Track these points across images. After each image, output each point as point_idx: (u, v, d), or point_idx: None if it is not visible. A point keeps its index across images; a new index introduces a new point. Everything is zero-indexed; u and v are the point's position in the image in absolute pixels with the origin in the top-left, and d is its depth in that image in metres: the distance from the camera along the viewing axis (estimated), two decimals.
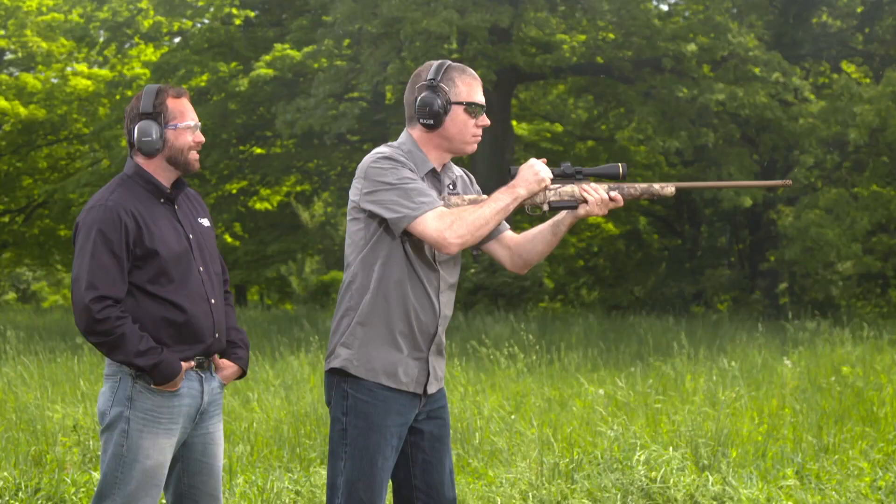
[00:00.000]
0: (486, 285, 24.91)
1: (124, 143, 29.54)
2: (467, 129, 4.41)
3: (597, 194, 4.35)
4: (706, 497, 6.77)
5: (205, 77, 29.30)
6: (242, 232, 34.33)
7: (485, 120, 4.43)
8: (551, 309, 29.53)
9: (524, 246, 4.54)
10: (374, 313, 4.35)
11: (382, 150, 4.38)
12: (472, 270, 25.19)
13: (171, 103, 4.54)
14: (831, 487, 7.14)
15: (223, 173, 31.55)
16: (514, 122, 30.46)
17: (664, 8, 29.44)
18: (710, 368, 12.37)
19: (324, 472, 7.21)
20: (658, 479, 6.87)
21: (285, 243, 29.77)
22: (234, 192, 33.60)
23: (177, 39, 30.60)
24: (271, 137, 30.51)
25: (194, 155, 4.59)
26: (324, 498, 6.75)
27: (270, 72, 26.28)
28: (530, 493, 6.82)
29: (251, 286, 37.18)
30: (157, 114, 4.52)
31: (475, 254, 4.59)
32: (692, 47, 24.32)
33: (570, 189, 4.37)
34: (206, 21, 29.49)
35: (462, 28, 23.99)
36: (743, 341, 15.61)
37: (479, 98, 4.41)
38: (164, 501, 5.68)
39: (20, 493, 6.77)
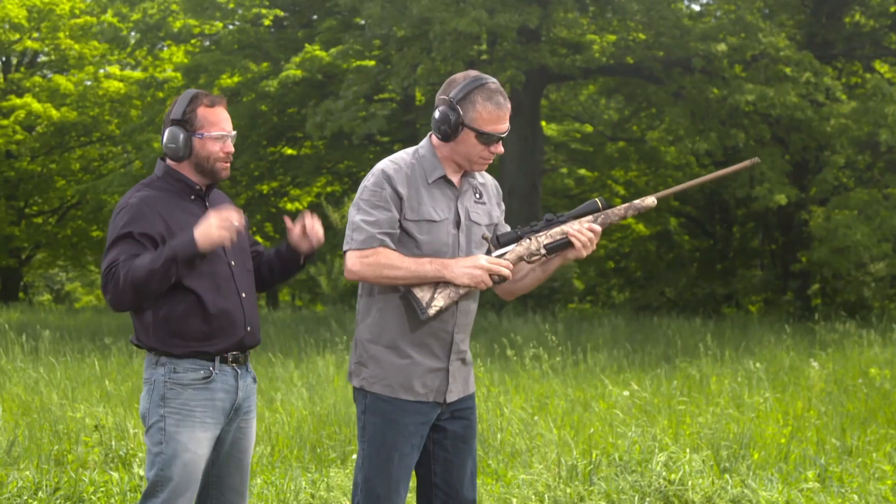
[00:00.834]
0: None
1: (156, 144, 29.72)
2: (475, 152, 4.44)
3: (583, 236, 4.39)
4: (724, 499, 6.73)
5: (235, 78, 29.41)
6: (273, 233, 34.42)
7: (498, 148, 4.44)
8: (580, 310, 29.45)
9: (513, 279, 4.57)
10: (382, 329, 4.44)
11: (385, 163, 4.47)
12: None
13: (203, 112, 4.59)
14: (852, 490, 7.08)
15: (254, 174, 31.65)
16: (543, 123, 30.40)
17: (696, 8, 29.32)
18: (736, 370, 12.30)
19: (340, 473, 7.23)
20: (676, 481, 6.82)
21: None
22: (265, 192, 33.72)
23: (206, 42, 30.71)
24: (301, 138, 30.58)
25: (222, 164, 4.65)
26: (340, 499, 6.76)
27: (300, 72, 26.33)
28: (547, 495, 6.80)
29: (282, 287, 37.29)
30: (186, 121, 4.59)
31: None
32: (722, 47, 24.18)
33: (559, 230, 4.43)
34: (237, 23, 29.57)
35: (491, 28, 23.97)
36: (771, 343, 15.52)
37: (497, 128, 4.40)
38: None
39: (39, 493, 6.80)
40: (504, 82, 24.87)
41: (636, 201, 4.49)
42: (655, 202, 4.49)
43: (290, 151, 32.12)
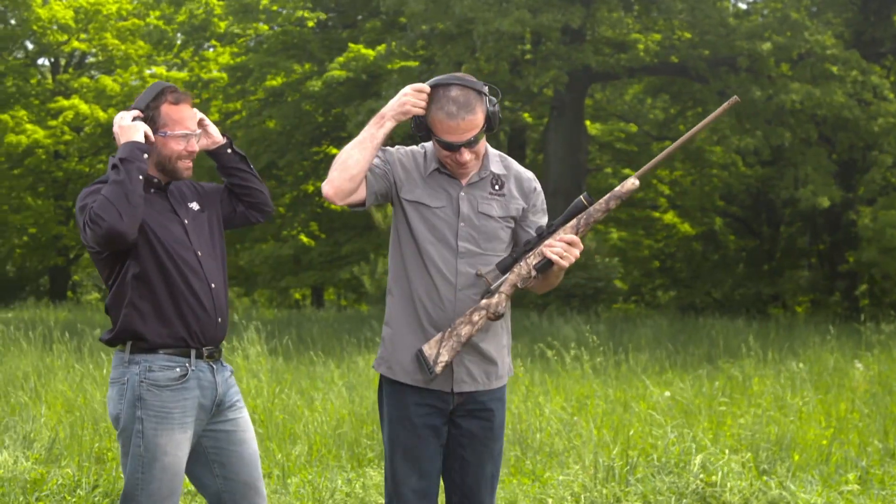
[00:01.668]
0: (559, 286, 24.76)
1: None
2: (442, 156, 4.46)
3: (556, 248, 4.37)
4: (762, 502, 6.68)
5: (279, 79, 29.52)
6: (319, 231, 34.52)
7: (461, 156, 4.40)
8: (624, 310, 29.34)
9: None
10: (395, 312, 4.50)
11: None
12: None
13: (166, 109, 4.49)
14: (894, 493, 7.01)
15: (298, 174, 31.75)
16: (587, 123, 30.32)
17: (742, 6, 29.14)
18: (779, 371, 12.21)
19: (377, 473, 7.24)
20: (717, 483, 6.78)
21: (359, 244, 29.86)
22: (310, 192, 33.81)
23: (251, 42, 30.85)
24: (346, 138, 30.61)
25: (185, 163, 4.54)
26: (375, 497, 6.77)
27: (343, 73, 26.40)
28: (583, 496, 6.78)
29: (327, 287, 37.37)
30: (150, 119, 4.49)
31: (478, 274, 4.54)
32: (767, 46, 24.02)
33: (540, 249, 4.43)
34: (281, 25, 29.69)
35: (534, 28, 23.93)
36: (815, 344, 15.39)
37: (450, 137, 4.36)
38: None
39: (79, 490, 6.85)
40: (547, 82, 24.86)
41: (616, 188, 4.41)
42: (637, 183, 4.43)
43: (334, 151, 32.13)
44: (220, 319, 4.55)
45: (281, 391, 10.50)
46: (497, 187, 4.51)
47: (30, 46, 37.23)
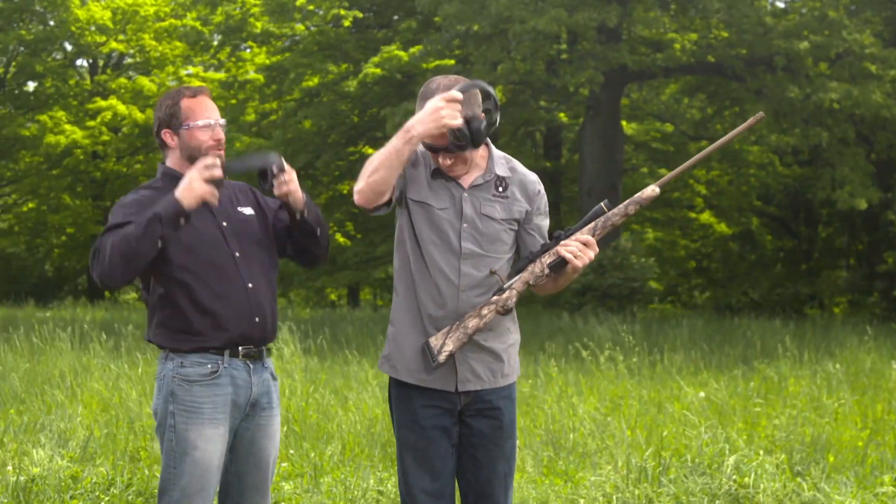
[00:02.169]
0: (595, 286, 24.75)
1: (238, 144, 30.01)
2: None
3: (571, 247, 4.36)
4: (795, 503, 6.63)
5: (315, 79, 29.60)
6: (355, 231, 34.59)
7: (444, 162, 4.38)
8: (660, 310, 29.24)
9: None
10: (399, 311, 4.49)
11: None
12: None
13: (186, 103, 4.54)
14: None
15: (334, 174, 31.82)
16: (623, 123, 30.24)
17: (780, 5, 28.99)
18: (815, 372, 12.13)
19: None
20: (748, 484, 6.74)
21: (393, 244, 29.89)
22: (346, 192, 33.88)
23: (287, 43, 30.96)
24: (381, 138, 30.65)
25: (215, 153, 4.52)
26: None
27: (378, 71, 26.44)
28: (615, 496, 6.75)
29: (363, 286, 37.45)
30: (171, 116, 4.55)
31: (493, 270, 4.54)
32: (805, 45, 23.88)
33: (556, 249, 4.42)
34: (317, 26, 29.77)
35: (570, 27, 23.89)
36: (852, 345, 15.27)
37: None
38: None
39: (112, 489, 6.89)
40: (583, 82, 24.81)
41: (636, 195, 4.42)
42: (658, 191, 4.42)
43: (370, 151, 32.15)
44: (257, 319, 4.53)
45: (315, 391, 10.52)
46: (500, 189, 4.49)
47: (68, 48, 37.52)
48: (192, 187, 4.33)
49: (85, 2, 36.28)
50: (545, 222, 4.61)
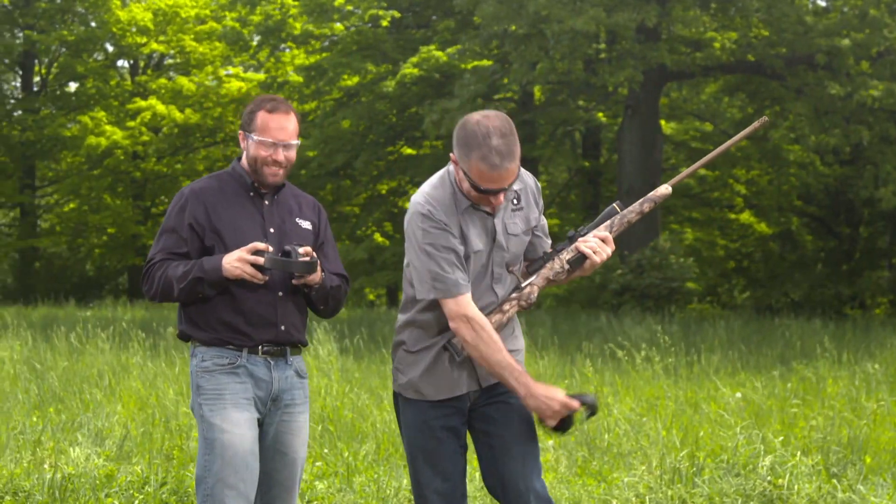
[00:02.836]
0: (633, 286, 24.68)
1: None
2: (473, 196, 4.37)
3: (590, 243, 4.45)
4: None
5: (354, 79, 29.66)
6: (393, 231, 34.64)
7: (497, 199, 4.33)
8: (699, 311, 29.09)
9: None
10: (421, 341, 4.51)
11: (421, 203, 4.43)
12: (619, 272, 24.98)
13: (261, 116, 4.70)
14: None
15: (373, 174, 31.86)
16: (662, 122, 30.12)
17: (821, 3, 28.78)
18: (854, 373, 12.03)
19: None
20: (783, 485, 6.70)
21: None
22: (384, 192, 33.95)
23: (326, 43, 31.04)
24: (420, 138, 30.72)
25: (270, 170, 4.71)
26: None
27: (416, 71, 26.46)
28: (648, 497, 6.73)
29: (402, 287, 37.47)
30: (247, 122, 4.74)
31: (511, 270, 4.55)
32: (846, 43, 23.70)
33: (574, 245, 4.50)
34: (356, 25, 29.83)
35: (609, 27, 23.82)
36: (893, 345, 15.15)
37: (486, 186, 4.27)
38: None
39: (147, 487, 6.93)
40: (622, 81, 24.73)
41: (650, 193, 4.50)
42: (670, 190, 4.53)
43: (409, 151, 32.28)
44: (283, 327, 4.68)
45: (350, 390, 10.54)
46: (516, 202, 4.52)
47: (110, 48, 37.80)
48: (235, 265, 4.54)
49: (126, 3, 36.54)
50: (545, 220, 4.67)
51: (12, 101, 38.16)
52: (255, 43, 31.74)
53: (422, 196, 4.41)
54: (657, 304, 24.37)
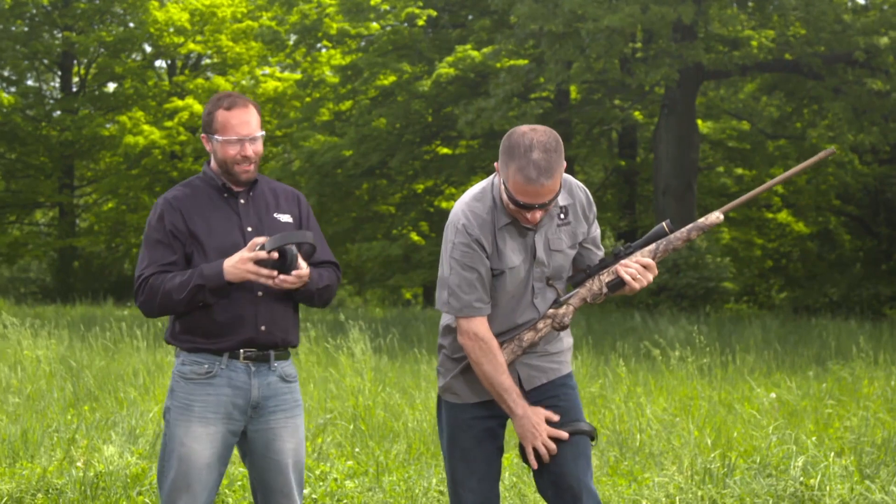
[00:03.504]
0: (670, 286, 24.60)
1: (308, 143, 30.23)
2: (511, 210, 4.35)
3: (630, 269, 4.35)
4: None
5: (391, 78, 29.70)
6: (429, 231, 34.67)
7: (534, 216, 4.29)
8: (736, 310, 28.95)
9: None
10: (449, 341, 4.58)
11: (461, 212, 4.45)
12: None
13: (220, 115, 4.60)
14: None
15: (408, 173, 31.90)
16: (699, 122, 29.99)
17: (861, 1, 28.58)
18: (891, 373, 11.93)
19: None
20: (815, 486, 6.65)
21: None
22: (420, 191, 33.96)
23: (362, 42, 31.11)
24: (456, 137, 30.73)
25: (241, 167, 4.61)
26: None
27: (452, 71, 26.47)
28: (678, 497, 6.70)
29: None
30: (207, 123, 4.65)
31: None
32: (885, 41, 23.54)
33: (614, 267, 4.42)
34: (392, 24, 29.88)
35: (645, 25, 23.74)
36: None
37: (521, 199, 4.24)
38: None
39: None
40: (658, 80, 24.64)
41: (700, 220, 4.39)
42: (722, 217, 4.39)
43: (444, 150, 32.29)
44: (263, 328, 4.58)
45: (383, 389, 10.55)
46: (563, 216, 4.46)
47: (147, 49, 37.99)
48: (238, 268, 4.45)
49: (164, 3, 36.73)
50: (597, 231, 4.59)
51: (52, 101, 38.44)
52: (291, 42, 31.85)
53: (462, 206, 4.42)
54: (693, 303, 24.28)
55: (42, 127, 36.43)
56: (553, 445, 4.36)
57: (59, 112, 37.03)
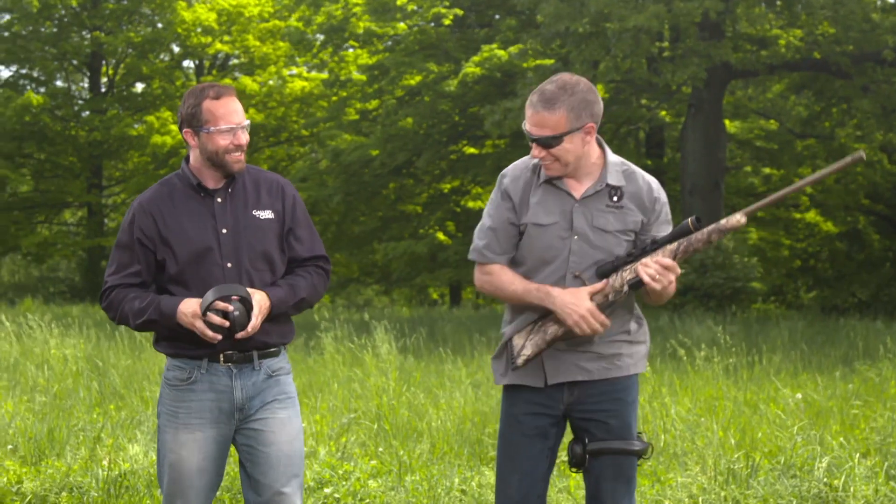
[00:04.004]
0: (696, 286, 24.51)
1: (334, 142, 30.26)
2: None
3: (650, 269, 4.26)
4: None
5: (417, 78, 29.72)
6: (455, 231, 34.67)
7: (534, 151, 4.32)
8: (764, 311, 28.83)
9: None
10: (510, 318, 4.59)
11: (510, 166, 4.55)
12: (682, 271, 24.82)
13: (208, 105, 4.48)
14: None
15: (435, 173, 31.91)
16: (727, 121, 29.88)
17: (890, 0, 28.41)
18: None
19: (491, 472, 7.22)
20: (839, 486, 6.62)
21: None
22: (446, 191, 33.96)
23: (389, 42, 31.15)
24: (483, 137, 30.70)
25: (234, 157, 4.49)
26: (489, 497, 6.77)
27: (478, 71, 26.46)
28: (701, 498, 6.67)
29: (465, 285, 37.49)
30: (192, 116, 4.50)
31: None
32: None
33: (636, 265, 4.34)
34: (419, 24, 29.90)
35: (671, 22, 23.67)
36: None
37: (525, 125, 4.32)
38: None
39: None
40: (685, 80, 24.56)
41: (722, 221, 4.27)
42: (744, 220, 4.28)
43: (471, 150, 32.28)
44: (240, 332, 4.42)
45: (407, 389, 10.55)
46: (615, 199, 4.38)
47: (175, 49, 38.13)
48: (190, 320, 4.35)
49: (191, 4, 36.85)
50: (666, 229, 4.47)
51: (80, 101, 38.63)
52: (318, 42, 31.92)
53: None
54: (720, 304, 24.19)
55: (71, 127, 36.61)
56: (600, 315, 4.28)
57: (87, 112, 37.21)
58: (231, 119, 4.48)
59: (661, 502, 6.69)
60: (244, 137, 4.52)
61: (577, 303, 4.27)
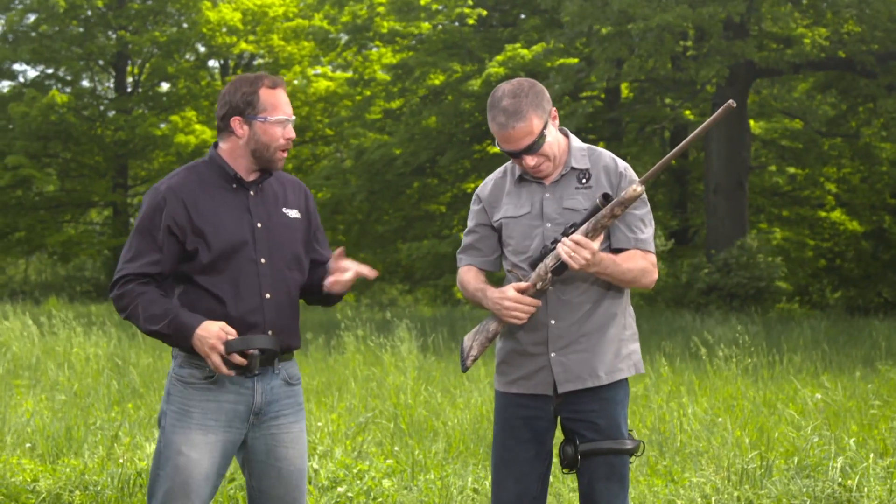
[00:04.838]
0: (720, 286, 24.44)
1: (358, 140, 30.27)
2: (515, 162, 4.56)
3: (565, 248, 4.27)
4: None
5: (441, 77, 29.73)
6: None
7: (525, 161, 4.42)
8: (788, 310, 28.71)
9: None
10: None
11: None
12: (706, 271, 24.77)
13: (265, 94, 4.30)
14: None
15: (458, 172, 31.92)
16: (751, 121, 29.76)
17: None
18: None
19: None
20: (853, 487, 6.58)
21: None
22: (469, 190, 33.94)
23: (413, 41, 31.18)
24: None
25: (281, 154, 4.35)
26: None
27: (502, 70, 26.45)
28: (714, 498, 6.66)
29: None
30: (247, 104, 4.30)
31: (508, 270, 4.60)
32: None
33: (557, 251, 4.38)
34: (444, 23, 29.91)
35: (695, 23, 23.60)
36: None
37: (504, 147, 4.40)
38: None
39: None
40: (709, 78, 24.49)
41: (622, 195, 4.26)
42: (640, 189, 4.25)
43: (494, 150, 32.22)
44: (270, 332, 4.31)
45: (425, 388, 10.56)
46: (584, 181, 4.48)
47: (200, 49, 38.25)
48: (205, 348, 4.16)
49: (216, 4, 36.96)
50: (638, 211, 4.48)
51: (106, 101, 38.78)
52: (342, 42, 31.97)
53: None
54: (744, 303, 24.11)
55: (96, 127, 36.77)
56: (525, 299, 4.37)
57: (113, 112, 37.35)
58: (286, 110, 4.36)
59: (674, 502, 6.68)
60: (293, 132, 4.39)
61: (500, 295, 4.38)
